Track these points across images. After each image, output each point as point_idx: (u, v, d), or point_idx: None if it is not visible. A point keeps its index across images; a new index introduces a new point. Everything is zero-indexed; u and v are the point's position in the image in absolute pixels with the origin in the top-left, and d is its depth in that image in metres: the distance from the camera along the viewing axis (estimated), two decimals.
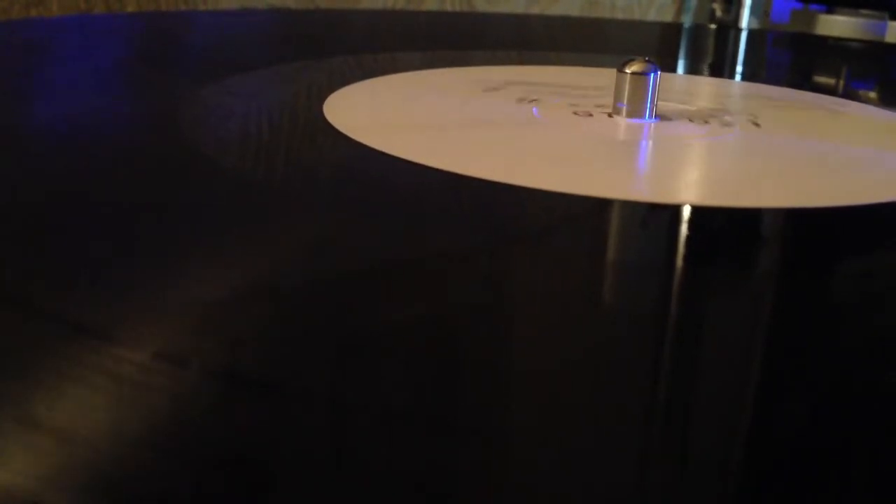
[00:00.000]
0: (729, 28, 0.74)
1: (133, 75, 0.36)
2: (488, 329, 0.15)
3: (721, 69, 0.50)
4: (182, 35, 0.48)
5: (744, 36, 0.66)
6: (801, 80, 0.47)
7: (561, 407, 0.12)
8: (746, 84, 0.42)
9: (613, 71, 0.29)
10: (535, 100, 0.32)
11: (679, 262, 0.18)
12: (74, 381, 0.12)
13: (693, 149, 0.27)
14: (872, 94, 0.42)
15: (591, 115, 0.30)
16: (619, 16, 0.84)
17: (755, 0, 0.77)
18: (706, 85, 0.42)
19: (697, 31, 0.70)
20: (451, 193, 0.22)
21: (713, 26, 0.76)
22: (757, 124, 0.30)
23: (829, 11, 0.69)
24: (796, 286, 0.17)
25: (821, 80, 0.48)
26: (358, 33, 0.53)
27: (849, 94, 0.41)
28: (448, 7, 0.78)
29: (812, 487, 0.11)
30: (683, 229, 0.20)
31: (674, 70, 0.45)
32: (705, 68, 0.50)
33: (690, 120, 0.30)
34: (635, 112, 0.29)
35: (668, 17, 0.86)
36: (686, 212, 0.21)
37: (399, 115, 0.29)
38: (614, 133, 0.28)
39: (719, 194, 0.23)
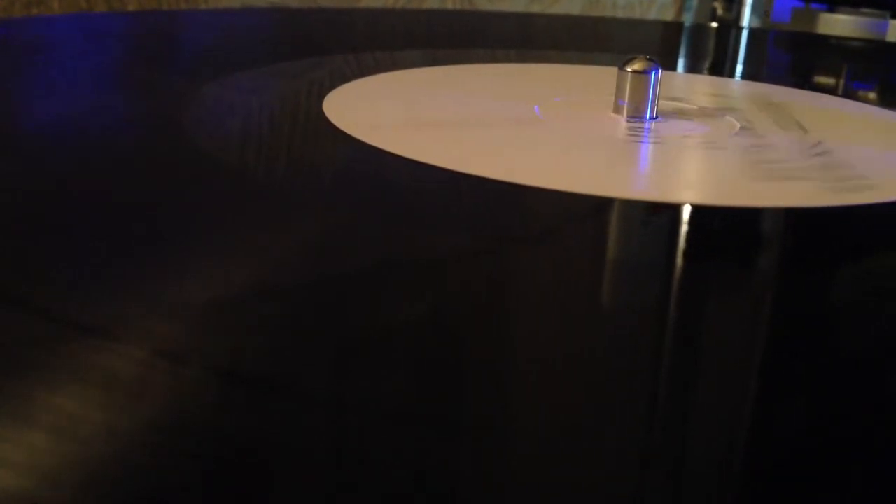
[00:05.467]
0: (730, 27, 0.74)
1: (134, 74, 0.36)
2: (489, 328, 0.15)
3: (722, 68, 0.50)
4: (183, 34, 0.48)
5: (745, 35, 0.66)
6: (802, 78, 0.46)
7: (562, 406, 0.12)
8: (747, 83, 0.42)
9: (614, 69, 0.29)
10: (536, 98, 0.32)
11: (679, 261, 0.18)
12: (73, 380, 0.12)
13: (694, 148, 0.27)
14: (873, 94, 0.42)
15: (592, 113, 0.30)
16: (620, 14, 0.84)
17: None
18: (707, 84, 0.42)
19: (698, 29, 0.70)
20: (451, 192, 0.22)
21: (714, 25, 0.76)
22: (758, 124, 0.30)
23: (831, 10, 0.69)
24: (796, 286, 0.17)
25: (822, 78, 0.48)
26: (358, 31, 0.53)
27: (849, 93, 0.41)
28: (448, 5, 0.78)
29: (812, 487, 0.11)
30: (684, 229, 0.20)
31: (675, 69, 0.45)
32: (706, 67, 0.50)
33: (691, 119, 0.30)
34: (636, 111, 0.29)
35: (669, 15, 0.86)
36: (687, 211, 0.21)
37: (399, 113, 0.29)
38: (615, 132, 0.28)
39: (720, 194, 0.23)
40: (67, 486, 0.10)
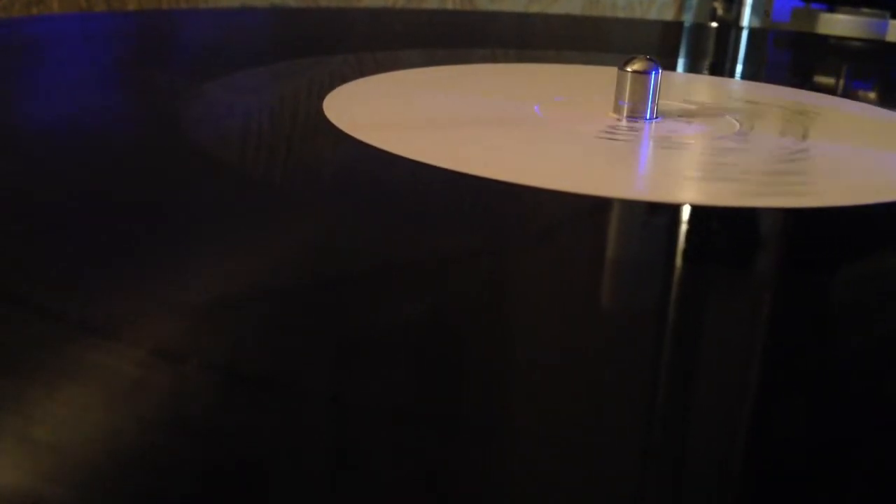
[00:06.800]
0: (730, 27, 0.74)
1: (134, 73, 0.36)
2: (488, 328, 0.15)
3: (722, 68, 0.50)
4: (183, 33, 0.48)
5: (745, 35, 0.66)
6: (802, 78, 0.46)
7: (561, 406, 0.12)
8: (747, 83, 0.42)
9: (615, 69, 0.29)
10: (536, 98, 0.32)
11: (678, 261, 0.18)
12: (74, 380, 0.12)
13: (694, 148, 0.27)
14: (872, 93, 0.42)
15: (592, 113, 0.30)
16: (621, 14, 0.84)
17: None
18: (707, 84, 0.42)
19: (698, 29, 0.70)
20: (450, 192, 0.22)
21: (714, 25, 0.76)
22: (758, 123, 0.30)
23: (831, 10, 0.69)
24: (795, 286, 0.17)
25: (821, 78, 0.48)
26: (358, 31, 0.53)
27: (849, 93, 0.41)
28: (449, 5, 0.78)
29: (812, 488, 0.11)
30: (683, 229, 0.20)
31: (675, 69, 0.45)
32: (706, 67, 0.50)
33: (691, 119, 0.30)
34: (636, 111, 0.29)
35: (669, 15, 0.86)
36: (686, 211, 0.21)
37: (399, 113, 0.29)
38: (615, 132, 0.28)
39: (720, 194, 0.23)
40: (68, 485, 0.10)
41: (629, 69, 0.28)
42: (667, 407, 0.12)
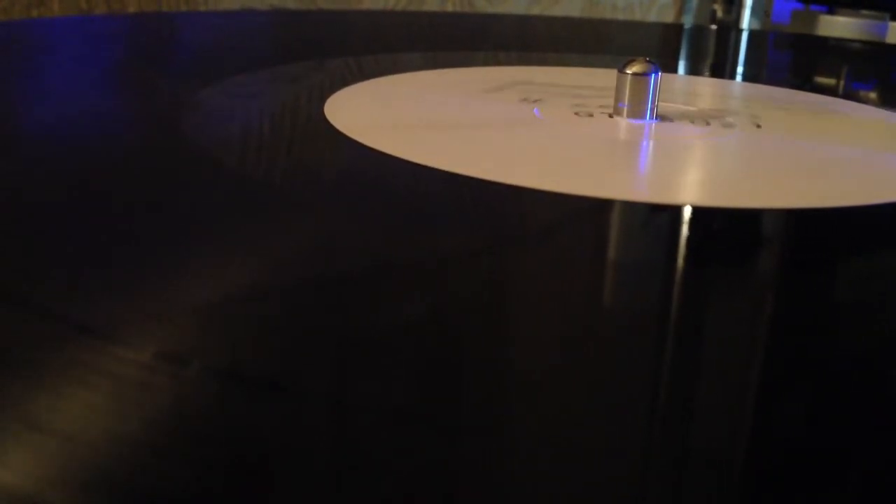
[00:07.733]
0: (730, 29, 0.74)
1: (134, 76, 0.36)
2: (488, 329, 0.15)
3: (722, 70, 0.50)
4: (183, 36, 0.48)
5: (744, 37, 0.66)
6: (801, 80, 0.47)
7: (561, 407, 0.12)
8: (747, 85, 0.42)
9: (614, 71, 0.29)
10: (536, 100, 0.32)
11: (679, 263, 0.18)
12: (75, 381, 0.12)
13: (694, 150, 0.27)
14: (872, 95, 0.42)
15: (591, 115, 0.30)
16: (620, 16, 0.84)
17: (756, 1, 0.77)
18: (707, 86, 0.42)
19: (698, 31, 0.70)
20: (451, 194, 0.22)
21: (714, 27, 0.76)
22: (758, 125, 0.30)
23: (830, 12, 0.69)
24: (796, 287, 0.17)
25: (821, 80, 0.48)
26: (359, 34, 0.53)
27: (849, 95, 0.41)
28: (449, 7, 0.78)
29: (812, 488, 0.11)
30: (684, 230, 0.20)
31: (675, 71, 0.45)
32: (706, 69, 0.50)
33: (691, 121, 0.30)
34: (636, 113, 0.29)
35: (668, 17, 0.86)
36: (686, 212, 0.21)
37: (400, 116, 0.29)
38: (615, 134, 0.28)
39: (720, 195, 0.23)
40: (68, 486, 0.10)
41: (629, 71, 0.28)
42: (666, 407, 0.12)
